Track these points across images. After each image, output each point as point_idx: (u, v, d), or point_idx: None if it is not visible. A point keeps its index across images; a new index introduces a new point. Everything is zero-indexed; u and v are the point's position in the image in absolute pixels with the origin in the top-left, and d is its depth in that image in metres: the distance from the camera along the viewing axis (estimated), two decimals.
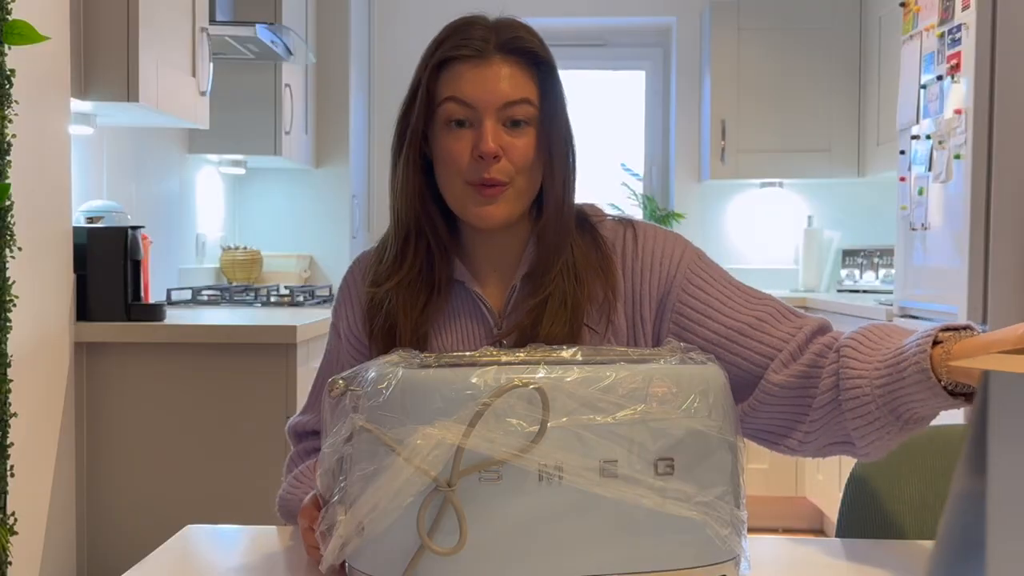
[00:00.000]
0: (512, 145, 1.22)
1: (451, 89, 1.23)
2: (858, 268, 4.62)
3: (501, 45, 1.23)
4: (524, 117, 1.23)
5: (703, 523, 0.98)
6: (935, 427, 1.53)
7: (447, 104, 1.23)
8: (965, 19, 2.85)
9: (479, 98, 1.22)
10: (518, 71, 1.24)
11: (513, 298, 1.28)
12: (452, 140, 1.23)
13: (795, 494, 4.33)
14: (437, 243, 1.27)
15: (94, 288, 2.52)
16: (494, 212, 1.23)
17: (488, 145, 1.20)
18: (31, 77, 2.16)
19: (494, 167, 1.21)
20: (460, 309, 1.29)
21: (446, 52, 1.25)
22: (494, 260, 1.30)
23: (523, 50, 1.25)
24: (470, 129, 1.22)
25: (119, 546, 2.51)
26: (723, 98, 4.65)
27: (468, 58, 1.23)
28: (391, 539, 0.94)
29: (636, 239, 1.31)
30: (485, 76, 1.22)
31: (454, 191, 1.25)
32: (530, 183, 1.25)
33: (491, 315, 1.28)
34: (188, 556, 1.21)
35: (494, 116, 1.22)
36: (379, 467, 0.94)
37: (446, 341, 1.28)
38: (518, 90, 1.23)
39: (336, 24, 4.43)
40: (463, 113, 1.22)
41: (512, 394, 0.93)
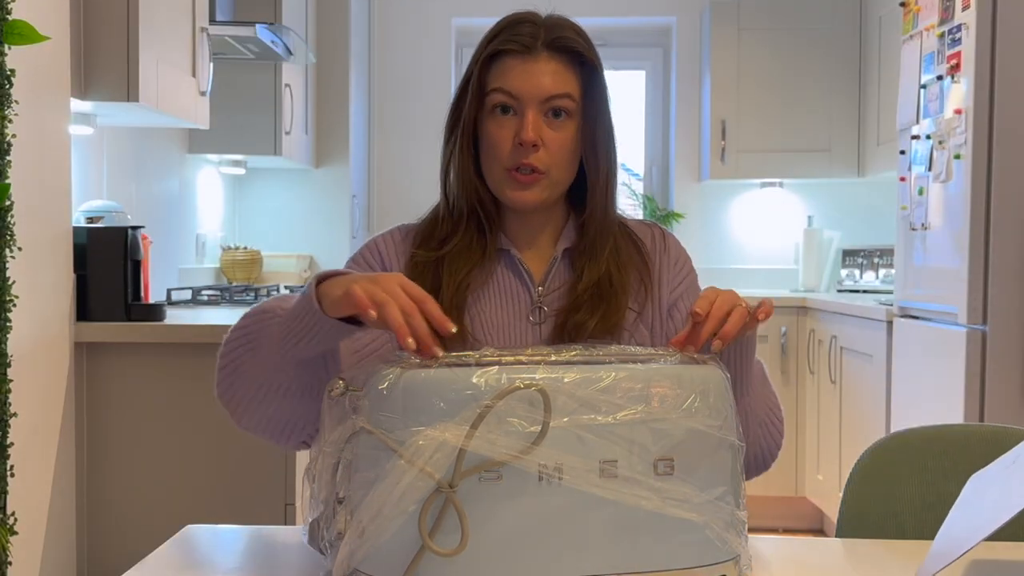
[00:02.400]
0: (552, 137, 1.32)
1: (499, 81, 1.32)
2: (858, 268, 4.62)
3: (548, 42, 1.32)
4: (565, 111, 1.32)
5: (703, 523, 0.98)
6: (935, 427, 1.53)
7: (494, 94, 1.33)
8: (965, 19, 2.85)
9: (523, 90, 1.31)
10: (562, 67, 1.33)
11: (554, 268, 1.38)
12: (496, 127, 1.33)
13: (795, 494, 4.33)
14: (487, 218, 1.37)
15: (94, 288, 2.51)
16: (528, 197, 1.33)
17: (528, 134, 1.30)
18: (31, 77, 2.15)
19: (532, 155, 1.31)
20: (502, 275, 1.38)
21: (496, 46, 1.33)
22: (534, 235, 1.40)
23: (568, 48, 1.33)
24: (514, 118, 1.32)
25: (119, 546, 2.51)
26: (723, 98, 4.64)
27: (516, 53, 1.32)
28: (392, 540, 0.94)
29: (665, 240, 1.44)
30: (531, 70, 1.31)
31: (494, 175, 1.35)
32: (565, 174, 1.35)
33: (531, 281, 1.37)
34: (188, 556, 1.21)
35: (536, 108, 1.31)
36: (380, 471, 0.94)
37: (485, 306, 1.36)
38: (561, 85, 1.32)
39: (336, 24, 4.43)
40: (508, 104, 1.32)
41: (513, 395, 0.93)
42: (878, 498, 1.47)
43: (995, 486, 1.10)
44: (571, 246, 1.39)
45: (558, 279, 1.38)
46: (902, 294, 3.34)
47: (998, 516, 0.99)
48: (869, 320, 3.59)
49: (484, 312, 1.35)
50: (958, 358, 2.85)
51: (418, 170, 4.87)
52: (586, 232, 1.38)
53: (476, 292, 1.35)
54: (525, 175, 1.32)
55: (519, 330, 1.35)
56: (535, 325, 1.35)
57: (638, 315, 1.37)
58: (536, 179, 1.32)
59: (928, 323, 3.12)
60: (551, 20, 1.35)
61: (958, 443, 1.48)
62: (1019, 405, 2.78)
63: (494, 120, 1.33)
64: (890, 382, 3.41)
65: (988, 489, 1.11)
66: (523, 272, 1.38)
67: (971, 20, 2.81)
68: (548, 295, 1.37)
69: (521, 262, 1.38)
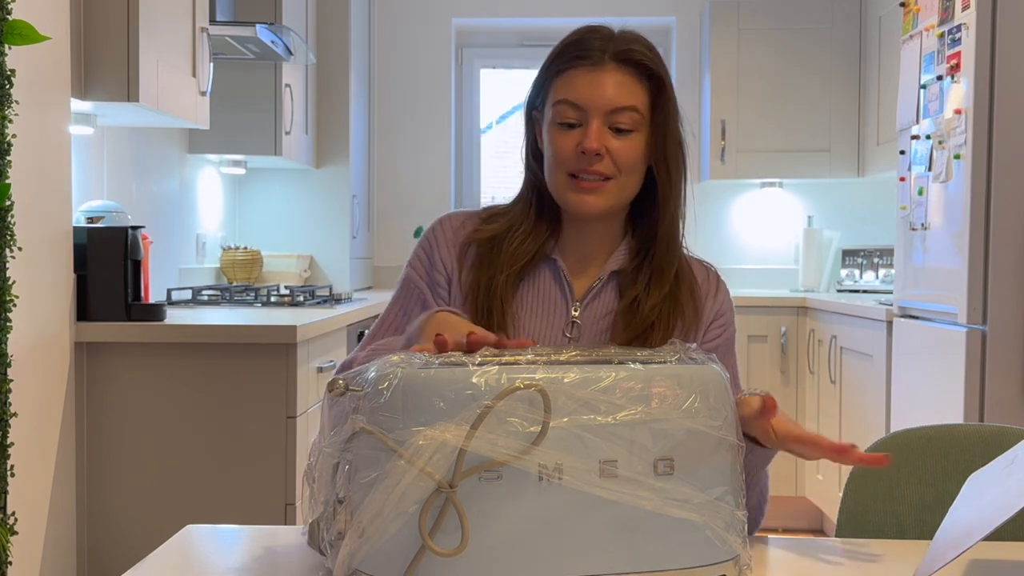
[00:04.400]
0: (616, 147, 1.32)
1: (564, 92, 1.34)
2: (858, 268, 4.62)
3: (616, 54, 1.34)
4: (629, 124, 1.33)
5: (703, 523, 0.98)
6: (935, 427, 1.53)
7: (559, 106, 1.34)
8: (965, 19, 2.85)
9: (588, 100, 1.32)
10: (628, 80, 1.34)
11: (597, 288, 1.38)
12: (560, 138, 1.34)
13: (795, 494, 4.33)
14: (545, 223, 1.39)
15: (94, 288, 2.51)
16: (592, 202, 1.34)
17: (591, 143, 1.30)
18: (31, 77, 2.16)
19: (597, 164, 1.32)
20: (545, 283, 1.39)
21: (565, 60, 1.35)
22: (585, 250, 1.40)
23: (636, 61, 1.34)
24: (578, 129, 1.33)
25: (119, 546, 2.51)
26: (723, 98, 4.64)
27: (584, 64, 1.33)
28: (392, 540, 0.94)
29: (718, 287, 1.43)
30: (596, 81, 1.32)
31: (556, 181, 1.35)
32: (632, 183, 1.36)
33: (571, 295, 1.38)
34: (188, 556, 1.21)
35: (601, 118, 1.32)
36: (381, 471, 0.94)
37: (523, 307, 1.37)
38: (626, 98, 1.33)
39: (336, 24, 4.43)
40: (574, 116, 1.33)
41: (513, 395, 0.93)
42: (878, 498, 1.47)
43: (993, 486, 1.10)
44: (620, 269, 1.39)
45: (600, 299, 1.38)
46: (902, 294, 3.34)
47: (997, 515, 0.99)
48: (869, 320, 3.59)
49: (522, 316, 1.36)
50: (958, 358, 2.85)
51: (418, 170, 4.87)
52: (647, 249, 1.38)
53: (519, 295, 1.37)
54: (590, 181, 1.32)
55: (552, 342, 1.36)
56: (568, 340, 1.36)
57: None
58: (601, 185, 1.33)
59: (928, 323, 3.12)
60: (622, 34, 1.37)
61: (958, 443, 1.48)
62: (1019, 405, 2.78)
63: (558, 131, 1.33)
64: (890, 382, 3.41)
65: (987, 489, 1.11)
66: (565, 284, 1.38)
67: (971, 20, 2.81)
68: (586, 313, 1.37)
69: (566, 274, 1.38)
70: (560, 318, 1.37)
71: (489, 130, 5.07)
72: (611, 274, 1.39)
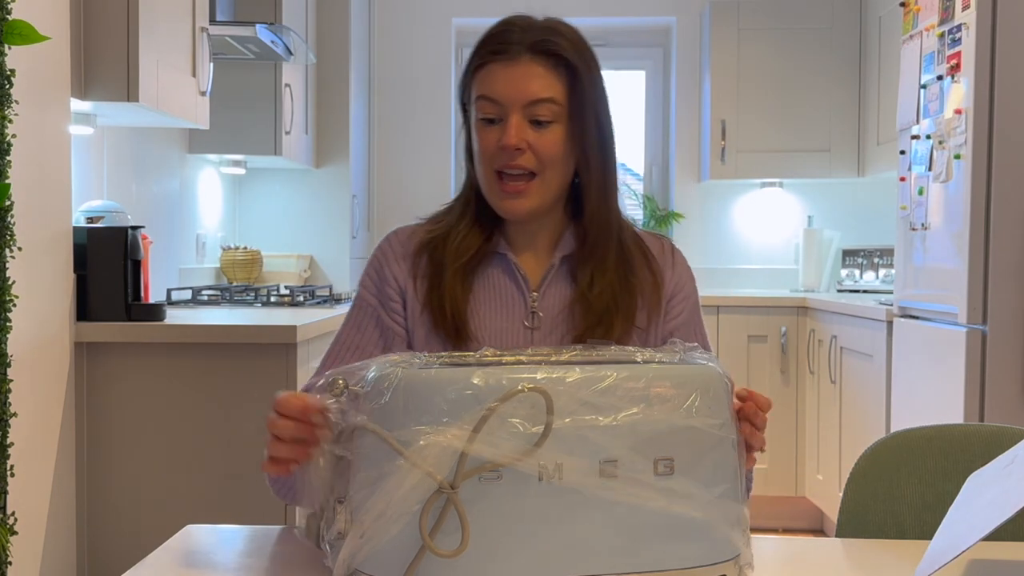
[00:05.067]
0: (537, 140, 1.32)
1: (483, 88, 1.34)
2: (858, 268, 4.62)
3: (531, 46, 1.32)
4: (548, 116, 1.32)
5: (703, 523, 0.98)
6: (935, 427, 1.53)
7: (480, 102, 1.34)
8: (965, 19, 2.85)
9: (505, 95, 1.31)
10: (545, 71, 1.32)
11: (551, 275, 1.38)
12: (483, 135, 1.34)
13: (795, 494, 4.33)
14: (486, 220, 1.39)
15: (94, 288, 2.51)
16: (520, 205, 1.34)
17: (511, 138, 1.30)
18: (31, 77, 2.15)
19: (519, 158, 1.31)
20: (498, 279, 1.39)
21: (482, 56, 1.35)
22: (531, 240, 1.40)
23: (551, 52, 1.32)
24: (499, 125, 1.33)
25: (119, 546, 2.51)
26: (723, 98, 4.64)
27: (500, 59, 1.33)
28: (392, 540, 0.94)
29: (674, 256, 1.44)
30: (512, 75, 1.31)
31: (485, 180, 1.36)
32: (558, 176, 1.35)
33: (526, 286, 1.38)
34: (188, 556, 1.21)
35: (519, 112, 1.31)
36: (382, 471, 0.94)
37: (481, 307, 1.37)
38: (544, 89, 1.31)
39: (336, 24, 4.43)
40: (493, 111, 1.32)
41: (515, 397, 0.93)
42: (878, 498, 1.47)
43: (993, 486, 1.10)
44: (570, 253, 1.38)
45: (555, 286, 1.38)
46: (902, 294, 3.34)
47: (996, 516, 0.99)
48: (869, 320, 3.59)
49: (480, 314, 1.36)
50: (958, 358, 2.85)
51: (418, 170, 4.87)
52: (586, 236, 1.37)
53: (475, 294, 1.37)
54: (513, 184, 1.32)
55: (513, 334, 1.35)
56: (529, 330, 1.36)
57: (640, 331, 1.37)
58: (525, 187, 1.33)
59: (928, 323, 3.12)
60: (540, 24, 1.35)
61: (958, 443, 1.48)
62: (1019, 405, 2.78)
63: (481, 129, 1.34)
64: (890, 382, 3.41)
65: (986, 489, 1.11)
66: (519, 277, 1.38)
67: (971, 20, 2.81)
68: (544, 301, 1.37)
69: (517, 267, 1.38)
70: (518, 310, 1.37)
71: None
72: (562, 259, 1.39)
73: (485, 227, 1.39)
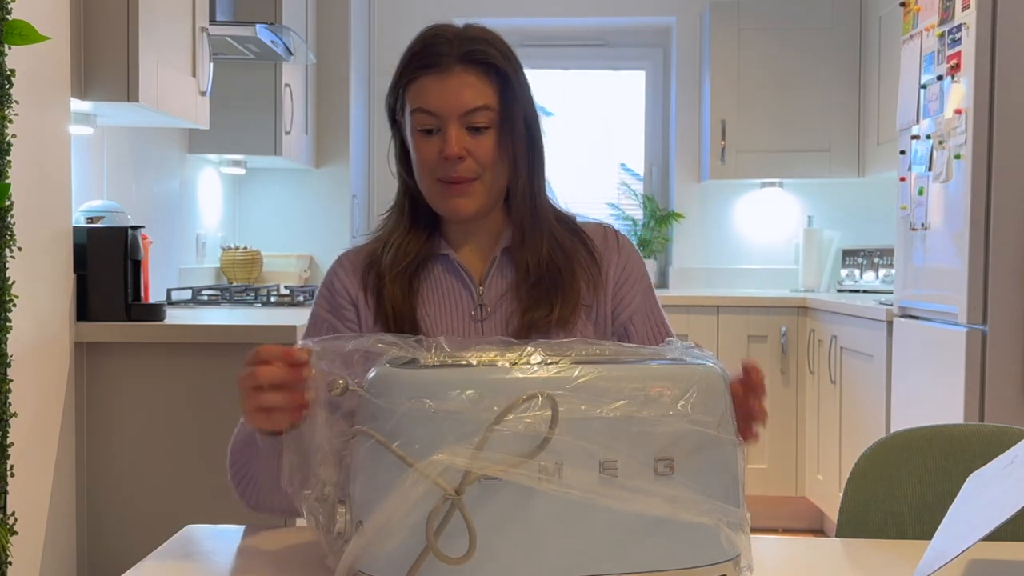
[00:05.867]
0: (475, 146, 1.36)
1: (418, 101, 1.37)
2: (858, 268, 4.62)
3: (461, 56, 1.36)
4: (484, 123, 1.36)
5: (703, 523, 0.98)
6: (935, 427, 1.53)
7: (417, 114, 1.37)
8: (965, 19, 2.85)
9: (441, 107, 1.35)
10: (477, 80, 1.36)
11: (493, 269, 1.43)
12: (423, 145, 1.38)
13: (795, 494, 4.33)
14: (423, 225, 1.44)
15: (94, 288, 2.51)
16: (464, 205, 1.38)
17: (452, 149, 1.34)
18: (31, 77, 2.15)
19: (460, 166, 1.36)
20: (443, 278, 1.43)
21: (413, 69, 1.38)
22: (471, 237, 1.45)
23: (481, 61, 1.37)
24: (438, 135, 1.37)
25: (119, 546, 2.51)
26: (723, 98, 4.64)
27: (431, 72, 1.36)
28: (396, 542, 0.94)
29: (618, 240, 1.48)
30: (446, 87, 1.35)
31: (427, 187, 1.40)
32: (498, 178, 1.39)
33: (471, 282, 1.42)
34: (188, 556, 1.21)
35: (457, 122, 1.35)
36: (386, 476, 0.94)
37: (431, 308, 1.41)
38: (477, 97, 1.36)
39: (336, 24, 4.43)
40: (430, 122, 1.36)
41: (527, 405, 0.93)
42: (878, 498, 1.47)
43: (993, 486, 1.10)
44: (511, 244, 1.43)
45: (499, 277, 1.42)
46: (902, 294, 3.34)
47: (996, 515, 0.99)
48: (869, 320, 3.59)
49: (430, 316, 1.40)
50: (958, 358, 2.85)
51: None
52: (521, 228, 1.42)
53: (422, 296, 1.41)
54: (458, 185, 1.37)
55: (464, 329, 1.40)
56: (477, 322, 1.40)
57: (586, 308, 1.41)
58: (469, 187, 1.37)
59: (928, 323, 3.12)
60: (466, 32, 1.39)
61: (958, 443, 1.48)
62: (1019, 405, 2.78)
63: (420, 139, 1.38)
64: (890, 382, 3.41)
65: (986, 488, 1.11)
66: (462, 273, 1.43)
67: (971, 20, 2.81)
68: (490, 292, 1.42)
69: (460, 264, 1.43)
70: (465, 306, 1.41)
71: None
72: (503, 251, 1.43)
73: (422, 231, 1.43)
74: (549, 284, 1.39)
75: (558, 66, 5.05)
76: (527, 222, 1.41)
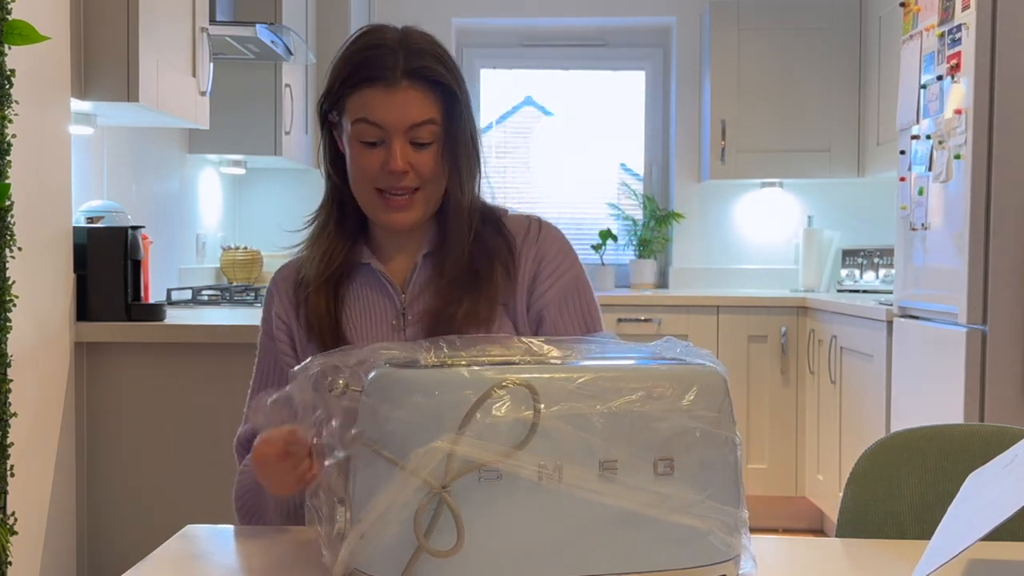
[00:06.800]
0: (418, 160, 1.35)
1: (362, 111, 1.35)
2: (858, 268, 4.62)
3: (408, 72, 1.34)
4: (428, 138, 1.35)
5: (703, 523, 0.98)
6: (935, 427, 1.53)
7: (359, 125, 1.35)
8: (965, 19, 2.85)
9: (387, 121, 1.34)
10: (422, 95, 1.35)
11: (415, 275, 1.42)
12: (364, 156, 1.36)
13: (795, 494, 4.33)
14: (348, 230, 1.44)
15: (94, 288, 2.51)
16: (405, 218, 1.38)
17: (396, 163, 1.34)
18: (31, 77, 2.15)
19: (403, 180, 1.35)
20: (365, 289, 1.43)
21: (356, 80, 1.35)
22: (396, 245, 1.45)
23: (427, 78, 1.35)
24: (380, 147, 1.35)
25: (119, 546, 2.51)
26: (723, 98, 4.64)
27: (377, 84, 1.34)
28: (390, 540, 0.94)
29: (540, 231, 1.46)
30: (393, 101, 1.34)
31: (364, 197, 1.39)
32: (438, 188, 1.39)
33: (395, 291, 1.42)
34: (188, 556, 1.21)
35: (401, 137, 1.34)
36: (379, 475, 0.94)
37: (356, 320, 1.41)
38: (423, 112, 1.35)
39: (336, 24, 4.43)
40: (374, 134, 1.35)
41: (504, 393, 0.93)
42: (878, 498, 1.47)
43: (993, 485, 1.10)
44: (432, 249, 1.42)
45: (420, 282, 1.41)
46: (902, 294, 3.34)
47: (995, 515, 0.99)
48: (869, 320, 3.59)
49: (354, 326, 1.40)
50: (958, 358, 2.85)
51: None
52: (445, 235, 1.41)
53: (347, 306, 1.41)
54: (398, 199, 1.36)
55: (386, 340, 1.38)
56: (399, 331, 1.40)
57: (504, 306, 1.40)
58: (408, 201, 1.36)
59: (928, 323, 3.12)
60: (408, 43, 1.36)
61: (958, 443, 1.48)
62: (1019, 405, 2.78)
63: (361, 150, 1.36)
64: (890, 382, 3.41)
65: (986, 488, 1.11)
66: (385, 283, 1.42)
67: (971, 20, 2.81)
68: (413, 300, 1.41)
69: (383, 274, 1.42)
70: (388, 315, 1.41)
71: (490, 130, 5.07)
72: (424, 257, 1.43)
73: (347, 238, 1.43)
74: (466, 282, 1.38)
75: (558, 66, 5.05)
76: (452, 226, 1.41)
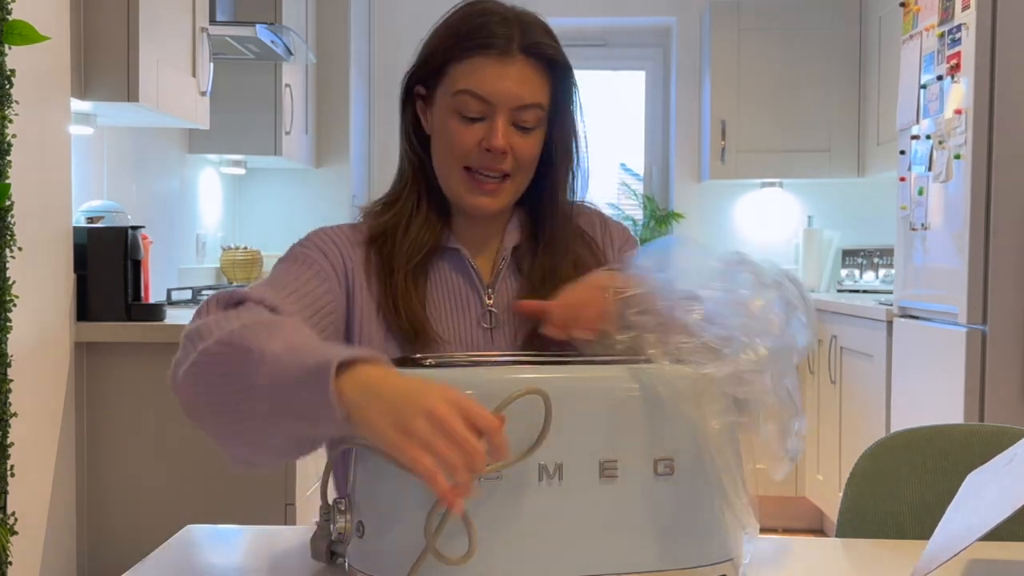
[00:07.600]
0: (519, 144, 1.26)
1: (468, 82, 1.24)
2: (858, 268, 4.62)
3: (525, 47, 1.24)
4: (533, 122, 1.27)
5: (703, 523, 0.98)
6: (935, 427, 1.53)
7: (462, 96, 1.24)
8: (965, 19, 2.85)
9: (496, 95, 1.23)
10: (536, 75, 1.26)
11: (503, 270, 1.32)
12: (461, 130, 1.25)
13: (795, 494, 4.33)
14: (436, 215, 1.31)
15: (94, 288, 2.51)
16: (491, 204, 1.28)
17: (499, 141, 1.23)
18: (31, 77, 2.16)
19: (501, 161, 1.25)
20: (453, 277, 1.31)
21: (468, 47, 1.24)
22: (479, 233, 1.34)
23: (544, 55, 1.26)
24: (480, 124, 1.25)
25: (119, 546, 2.51)
26: (723, 98, 4.64)
27: (490, 54, 1.23)
28: (393, 540, 0.94)
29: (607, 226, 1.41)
30: (505, 75, 1.23)
31: (451, 175, 1.28)
32: (527, 179, 1.30)
33: (481, 284, 1.31)
34: (188, 556, 1.21)
35: (507, 115, 1.24)
36: (385, 476, 0.94)
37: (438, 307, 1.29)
38: (534, 94, 1.25)
39: (336, 24, 4.43)
40: (476, 108, 1.24)
41: (515, 400, 0.93)
42: (878, 498, 1.47)
43: (992, 485, 1.10)
44: (517, 244, 1.34)
45: (507, 282, 1.32)
46: (902, 294, 3.34)
47: (994, 515, 0.99)
48: (869, 320, 3.59)
49: (438, 318, 1.28)
50: (958, 358, 2.85)
51: None
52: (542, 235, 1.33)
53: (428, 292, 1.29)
54: (490, 182, 1.26)
55: (473, 336, 1.28)
56: (487, 330, 1.29)
57: None
58: (499, 187, 1.27)
59: (928, 323, 3.12)
60: (523, 18, 1.26)
61: (958, 443, 1.48)
62: (1019, 405, 2.78)
63: (460, 123, 1.25)
64: (890, 382, 3.41)
65: (985, 488, 1.11)
66: (473, 275, 1.31)
67: (971, 20, 2.81)
68: (497, 297, 1.31)
69: (472, 264, 1.31)
70: (473, 310, 1.30)
71: None
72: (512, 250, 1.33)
73: (437, 220, 1.31)
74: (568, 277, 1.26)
75: None
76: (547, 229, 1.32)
